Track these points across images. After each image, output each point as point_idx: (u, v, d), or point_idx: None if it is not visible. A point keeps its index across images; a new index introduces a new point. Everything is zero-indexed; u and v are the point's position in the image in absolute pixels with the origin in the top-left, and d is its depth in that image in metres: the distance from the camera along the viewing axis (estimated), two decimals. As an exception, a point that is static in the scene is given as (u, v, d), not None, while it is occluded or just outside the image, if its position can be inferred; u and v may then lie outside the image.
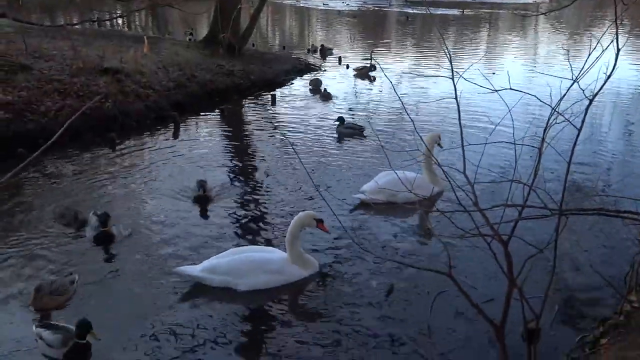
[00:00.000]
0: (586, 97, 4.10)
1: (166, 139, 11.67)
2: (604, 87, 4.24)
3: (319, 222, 6.23)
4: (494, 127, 4.72)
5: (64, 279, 5.76)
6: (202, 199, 8.06)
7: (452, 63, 4.17)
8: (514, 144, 4.15)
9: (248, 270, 5.93)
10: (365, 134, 11.68)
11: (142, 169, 9.67)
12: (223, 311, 5.62)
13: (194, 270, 6.01)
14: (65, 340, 4.79)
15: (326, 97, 15.78)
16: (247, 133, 12.77)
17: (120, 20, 31.58)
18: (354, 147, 10.99)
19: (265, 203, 8.26)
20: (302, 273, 6.14)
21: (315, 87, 16.50)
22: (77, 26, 21.17)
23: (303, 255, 6.21)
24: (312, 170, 9.34)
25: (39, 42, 14.48)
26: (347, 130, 11.81)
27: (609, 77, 4.14)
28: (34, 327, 4.98)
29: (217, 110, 14.10)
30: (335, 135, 11.79)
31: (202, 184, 8.07)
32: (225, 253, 6.20)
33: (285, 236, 6.27)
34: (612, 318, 5.16)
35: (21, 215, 7.67)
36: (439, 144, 8.71)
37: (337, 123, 11.97)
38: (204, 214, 7.84)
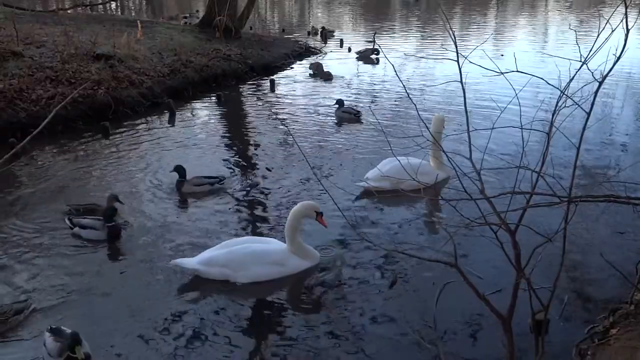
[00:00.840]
0: (595, 79, 3.94)
1: (161, 127, 11.48)
2: (614, 68, 4.05)
3: (319, 214, 6.03)
4: (500, 111, 4.52)
5: (6, 307, 5.12)
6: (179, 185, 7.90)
7: (458, 45, 3.98)
8: (522, 128, 4.01)
9: (247, 262, 5.77)
10: (361, 120, 11.54)
11: (136, 159, 9.48)
12: (222, 304, 5.49)
13: (191, 262, 5.85)
14: (61, 350, 4.53)
15: (327, 77, 15.57)
16: (244, 120, 12.56)
17: (112, 4, 31.17)
18: (356, 133, 10.81)
19: (263, 192, 8.09)
20: (302, 264, 5.97)
21: (316, 71, 16.24)
22: (69, 11, 20.89)
23: (303, 245, 6.04)
24: (313, 158, 9.17)
25: (30, 28, 14.25)
26: (344, 115, 11.69)
27: (618, 58, 3.97)
28: (45, 330, 4.78)
29: (213, 97, 13.87)
30: (336, 120, 11.61)
31: (178, 170, 7.97)
32: (221, 244, 6.03)
33: (284, 225, 6.10)
34: (623, 308, 5.03)
35: (11, 209, 7.49)
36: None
37: (337, 106, 11.83)
38: (184, 202, 7.73)
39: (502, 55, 16.96)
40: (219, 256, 5.81)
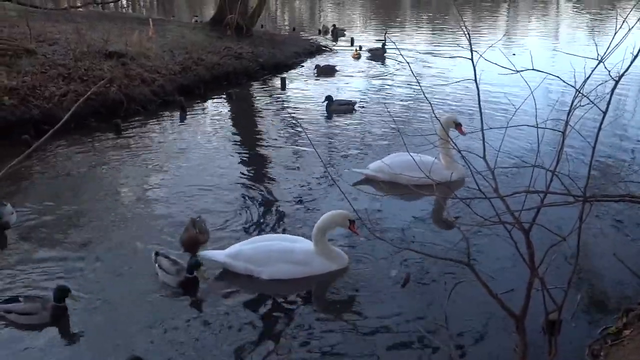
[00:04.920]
0: (612, 78, 3.89)
1: (172, 125, 11.52)
2: (631, 67, 4.01)
3: (352, 223, 5.93)
4: (515, 109, 4.51)
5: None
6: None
7: (472, 43, 3.95)
8: (537, 127, 3.97)
9: (271, 259, 5.79)
10: (356, 109, 11.98)
11: (148, 156, 9.50)
12: (243, 299, 5.54)
13: (219, 255, 5.91)
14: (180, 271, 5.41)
15: (329, 72, 15.72)
16: (255, 117, 12.59)
17: (124, 2, 31.33)
18: (369, 131, 10.82)
19: (277, 191, 8.06)
20: (328, 266, 5.91)
21: (326, 72, 16.30)
22: (81, 9, 21.00)
23: (330, 247, 5.98)
24: (325, 154, 9.19)
25: (42, 26, 14.32)
26: (341, 107, 11.99)
27: (635, 56, 3.92)
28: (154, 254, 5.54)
29: (224, 95, 13.90)
30: (327, 115, 11.85)
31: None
32: (252, 239, 6.10)
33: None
34: (636, 308, 4.98)
35: (25, 208, 7.48)
36: (460, 130, 8.18)
37: (326, 102, 12.12)
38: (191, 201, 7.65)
39: (513, 54, 16.89)
40: (244, 251, 5.85)
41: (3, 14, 14.62)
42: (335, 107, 12.03)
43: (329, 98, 12.17)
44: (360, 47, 20.01)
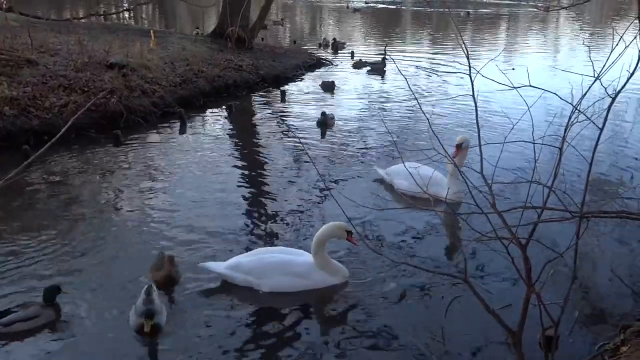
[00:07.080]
0: (608, 95, 3.94)
1: (172, 136, 11.53)
2: (627, 84, 4.05)
3: (349, 234, 5.93)
4: (512, 125, 4.52)
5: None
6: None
7: (470, 59, 3.98)
8: (534, 143, 4.01)
9: (270, 271, 5.78)
10: (334, 122, 12.28)
11: (147, 168, 9.50)
12: (242, 311, 5.53)
13: (219, 267, 5.91)
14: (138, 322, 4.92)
15: (330, 87, 15.80)
16: (255, 129, 12.61)
17: (126, 14, 31.48)
18: (368, 145, 10.82)
19: (277, 203, 8.07)
20: (329, 280, 5.90)
21: (327, 88, 16.32)
22: (83, 20, 21.11)
23: (330, 261, 5.97)
24: (323, 167, 9.21)
25: (44, 37, 14.38)
26: (332, 121, 12.20)
27: (632, 74, 3.98)
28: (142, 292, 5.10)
29: (224, 107, 13.93)
30: (320, 129, 11.91)
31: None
32: (252, 252, 6.10)
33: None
34: (634, 325, 4.97)
35: (22, 218, 7.49)
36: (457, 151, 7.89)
37: (319, 119, 12.19)
38: (192, 212, 7.63)
39: (513, 68, 16.97)
40: (244, 263, 5.86)
41: (5, 24, 14.67)
42: (330, 122, 12.13)
43: (323, 114, 12.19)
44: (361, 60, 20.10)
